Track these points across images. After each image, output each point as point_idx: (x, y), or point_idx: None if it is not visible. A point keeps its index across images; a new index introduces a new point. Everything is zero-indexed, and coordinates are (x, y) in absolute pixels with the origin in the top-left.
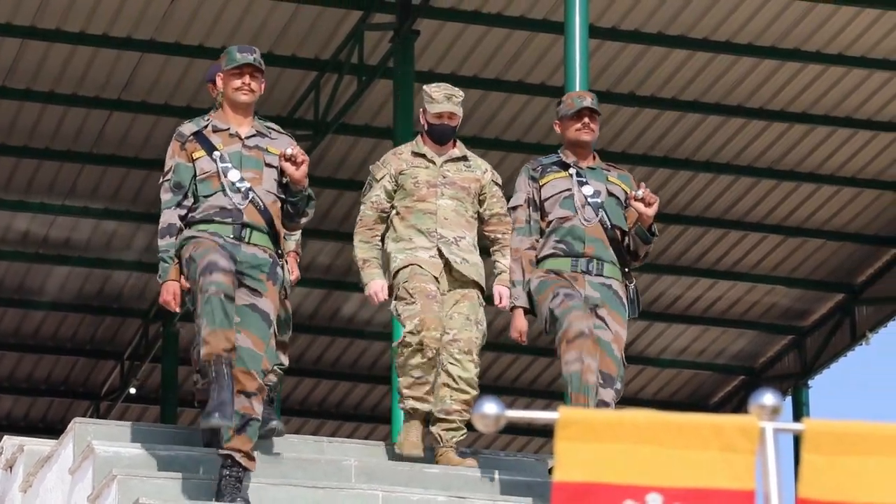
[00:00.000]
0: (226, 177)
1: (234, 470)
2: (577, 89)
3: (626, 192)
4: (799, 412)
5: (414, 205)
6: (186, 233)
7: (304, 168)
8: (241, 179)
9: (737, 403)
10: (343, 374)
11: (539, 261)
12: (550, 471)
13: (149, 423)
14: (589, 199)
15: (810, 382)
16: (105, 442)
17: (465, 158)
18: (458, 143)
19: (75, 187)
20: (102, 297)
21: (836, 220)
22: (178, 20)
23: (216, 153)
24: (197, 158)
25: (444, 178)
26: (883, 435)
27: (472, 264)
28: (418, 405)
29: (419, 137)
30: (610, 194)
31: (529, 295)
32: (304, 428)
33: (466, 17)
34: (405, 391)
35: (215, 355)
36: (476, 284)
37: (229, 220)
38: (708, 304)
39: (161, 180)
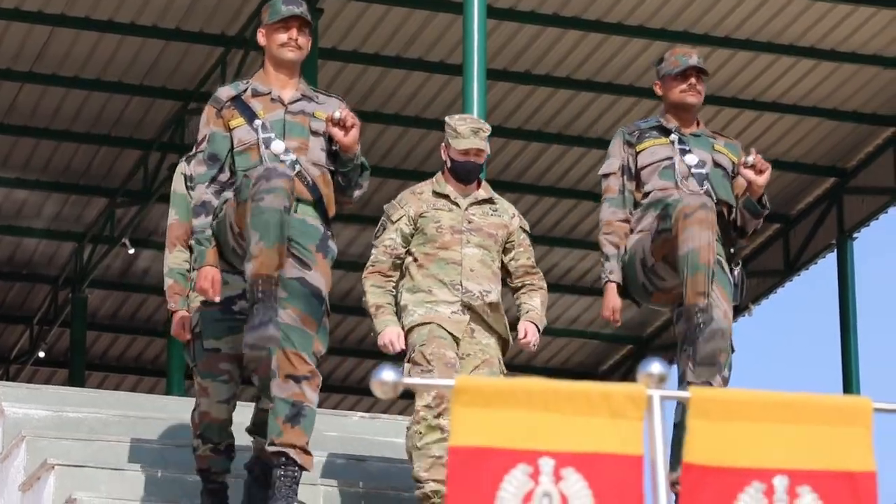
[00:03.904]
0: (268, 148)
1: (289, 469)
2: (476, 68)
3: (733, 163)
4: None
5: (436, 252)
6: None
7: (354, 133)
8: (287, 151)
9: (625, 371)
10: None
11: (633, 235)
12: None
13: (57, 386)
14: (693, 170)
15: None
16: (14, 403)
17: (491, 201)
18: (484, 183)
19: None
20: (13, 264)
21: None
22: None
23: (257, 122)
24: (235, 128)
25: (470, 223)
26: (764, 402)
27: (499, 320)
28: (441, 487)
29: (440, 175)
30: (716, 164)
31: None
32: None
33: None
34: (423, 474)
35: (265, 276)
36: (501, 340)
37: None
38: (598, 277)
39: (194, 151)
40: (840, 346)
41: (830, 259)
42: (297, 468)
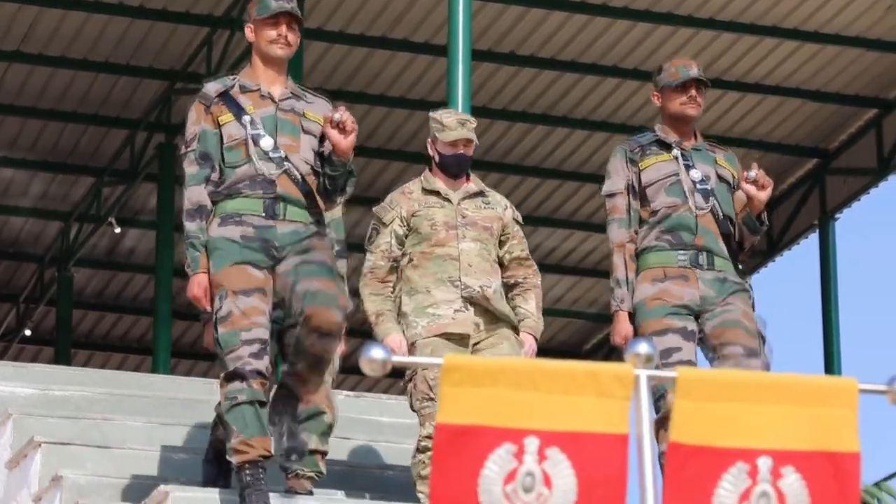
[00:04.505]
0: (257, 145)
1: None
2: (461, 49)
3: (734, 176)
4: None
5: (432, 250)
6: (214, 230)
7: (352, 137)
8: (276, 148)
9: (608, 351)
10: None
11: (640, 253)
12: None
13: (43, 364)
14: (698, 185)
15: None
16: (1, 381)
17: (482, 194)
18: (473, 176)
19: None
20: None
21: None
22: None
23: (245, 117)
24: (224, 123)
25: (464, 217)
26: (749, 383)
27: (504, 315)
28: None
29: (427, 172)
30: (720, 179)
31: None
32: (194, 370)
33: None
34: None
35: (250, 461)
36: (513, 328)
37: (259, 192)
38: (582, 256)
39: (184, 150)
40: (822, 326)
41: (812, 239)
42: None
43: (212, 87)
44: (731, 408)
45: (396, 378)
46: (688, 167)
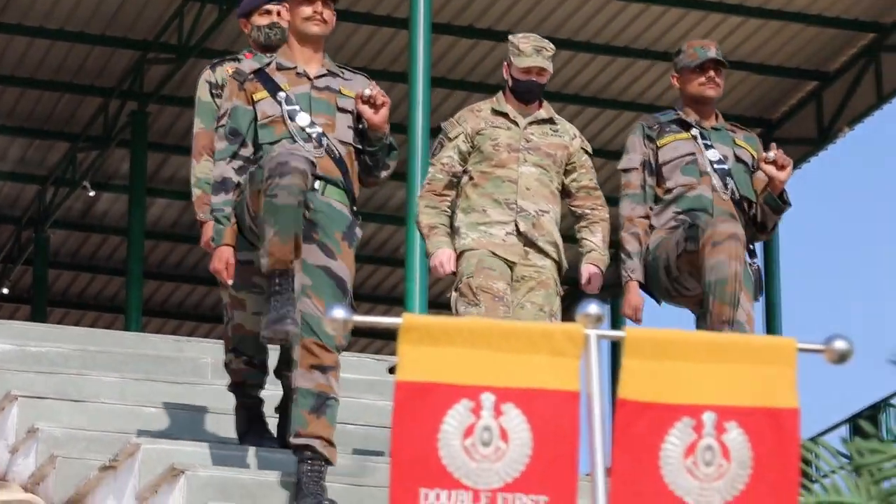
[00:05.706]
0: (293, 121)
1: (315, 464)
2: (421, 22)
3: (753, 157)
4: (616, 320)
5: (492, 170)
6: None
7: (384, 111)
8: (312, 124)
9: (563, 308)
10: (199, 279)
11: (655, 232)
12: (391, 370)
13: (21, 321)
14: (715, 166)
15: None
16: None
17: (551, 121)
18: (545, 103)
19: None
20: None
21: None
22: None
23: (281, 94)
24: (258, 100)
25: (528, 142)
26: (694, 342)
27: (554, 245)
28: None
29: (500, 94)
30: (738, 159)
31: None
32: (164, 328)
33: None
34: None
35: (281, 268)
36: (556, 266)
37: None
38: None
39: (215, 125)
40: (764, 290)
41: None
42: (322, 463)
43: (246, 66)
44: (677, 366)
45: (356, 337)
46: (706, 146)
